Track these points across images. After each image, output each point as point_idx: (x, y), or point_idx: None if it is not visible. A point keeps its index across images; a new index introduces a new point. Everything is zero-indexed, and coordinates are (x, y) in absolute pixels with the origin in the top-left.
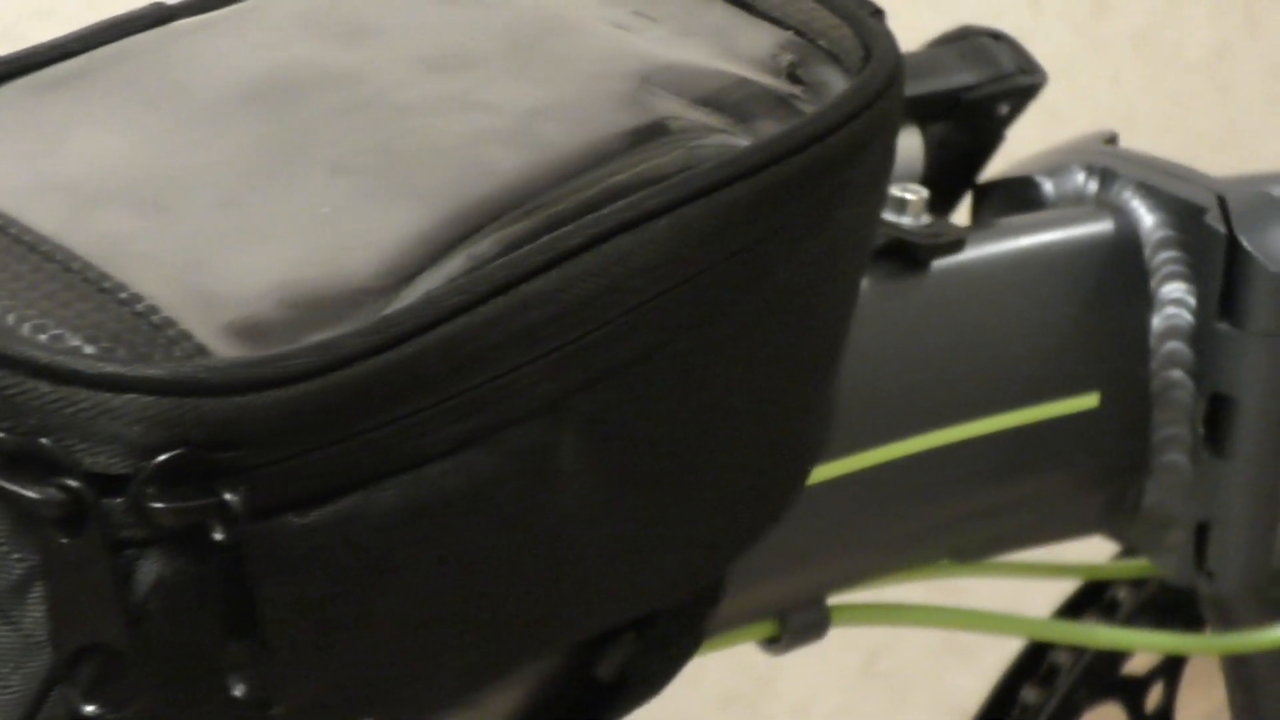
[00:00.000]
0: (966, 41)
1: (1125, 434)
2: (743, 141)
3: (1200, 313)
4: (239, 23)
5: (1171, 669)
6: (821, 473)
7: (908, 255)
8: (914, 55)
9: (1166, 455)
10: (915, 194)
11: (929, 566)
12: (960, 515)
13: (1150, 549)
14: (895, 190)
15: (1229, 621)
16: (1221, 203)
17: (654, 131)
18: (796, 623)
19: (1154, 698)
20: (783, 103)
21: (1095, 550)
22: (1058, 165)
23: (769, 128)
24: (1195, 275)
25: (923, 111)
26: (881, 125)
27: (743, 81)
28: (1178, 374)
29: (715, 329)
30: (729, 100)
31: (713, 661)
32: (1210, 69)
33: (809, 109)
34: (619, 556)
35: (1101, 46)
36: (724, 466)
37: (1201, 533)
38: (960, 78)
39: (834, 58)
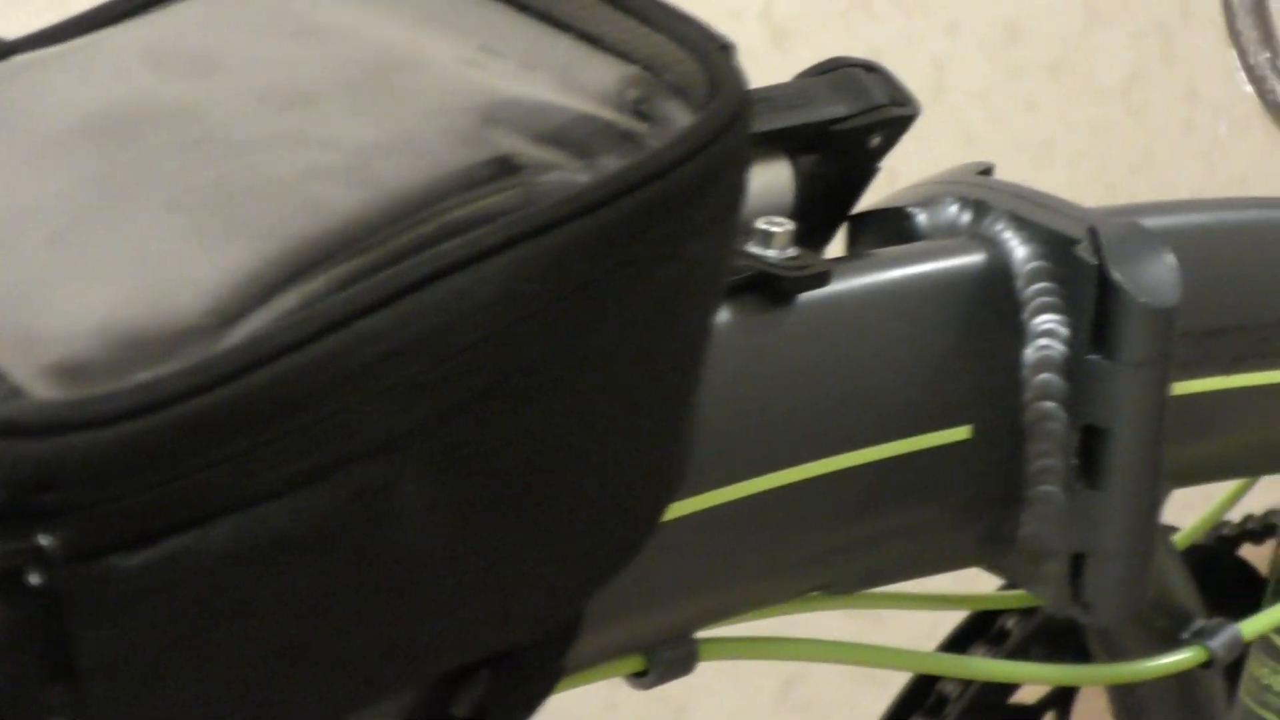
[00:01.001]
0: (838, 73)
1: (998, 466)
2: (584, 178)
3: (1072, 344)
4: (81, 56)
5: (1064, 699)
6: (686, 506)
7: (772, 288)
8: (784, 87)
9: (1040, 486)
10: (780, 227)
11: (804, 600)
12: (831, 549)
13: (1027, 580)
14: (760, 223)
15: (1114, 651)
16: (1092, 234)
17: (493, 168)
18: (663, 657)
19: None
20: (627, 138)
21: (985, 580)
22: (931, 197)
23: (612, 163)
24: (1067, 307)
25: (792, 144)
26: (728, 160)
27: (586, 117)
28: (1050, 405)
29: (559, 365)
30: (571, 136)
31: (627, 690)
32: (1125, 95)
33: (653, 144)
34: (468, 593)
35: (1017, 73)
36: (575, 502)
37: (1077, 563)
38: (830, 109)
39: (680, 92)
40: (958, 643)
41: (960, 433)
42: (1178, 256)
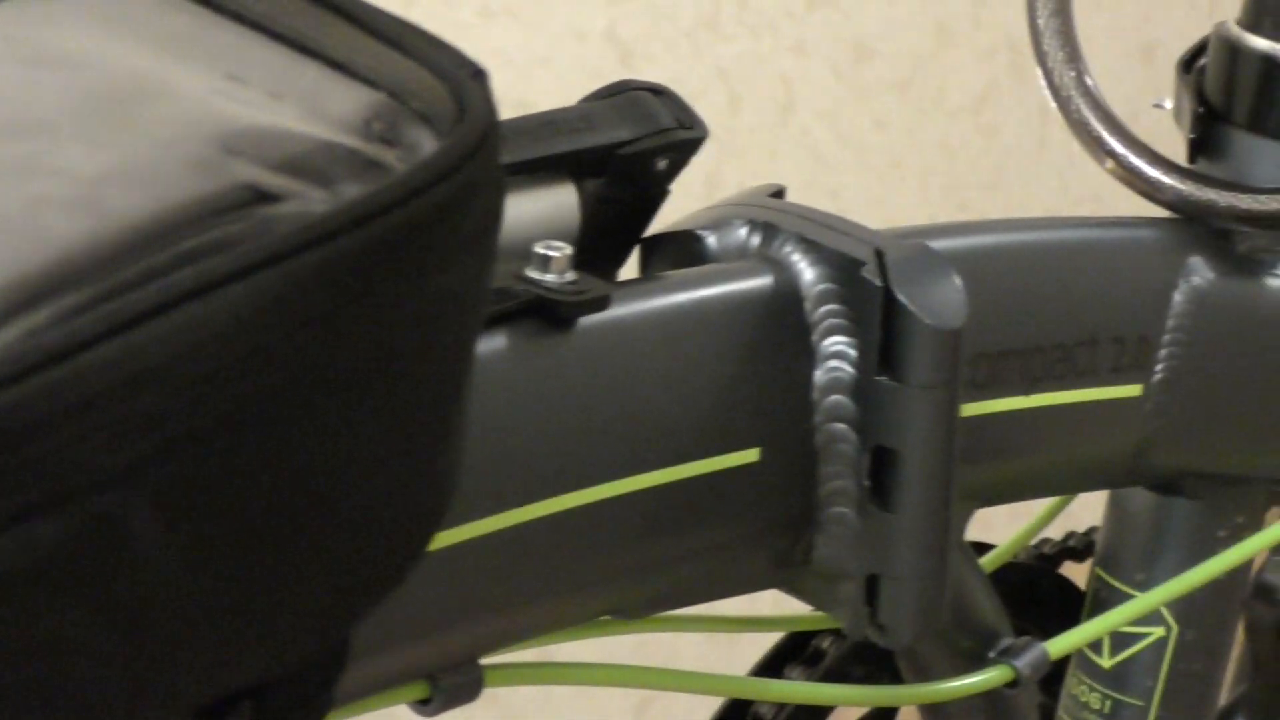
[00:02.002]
0: (623, 96)
1: (790, 488)
2: (324, 207)
3: (861, 366)
4: None
5: (886, 718)
6: (465, 532)
7: (551, 313)
8: (568, 110)
9: (833, 509)
10: (559, 251)
11: (597, 624)
12: (618, 573)
13: (824, 602)
14: (539, 247)
15: (922, 672)
16: (879, 256)
17: (231, 197)
18: (447, 684)
19: None
20: (371, 166)
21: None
22: (721, 220)
23: (354, 191)
24: (856, 329)
25: (577, 168)
26: (475, 187)
27: (329, 145)
28: (841, 427)
29: (299, 395)
30: (312, 164)
31: (479, 713)
32: (977, 113)
33: (397, 172)
34: (215, 623)
35: (865, 92)
36: (326, 530)
37: (872, 585)
38: (615, 133)
39: (426, 120)
40: (773, 664)
41: (749, 455)
42: (971, 278)
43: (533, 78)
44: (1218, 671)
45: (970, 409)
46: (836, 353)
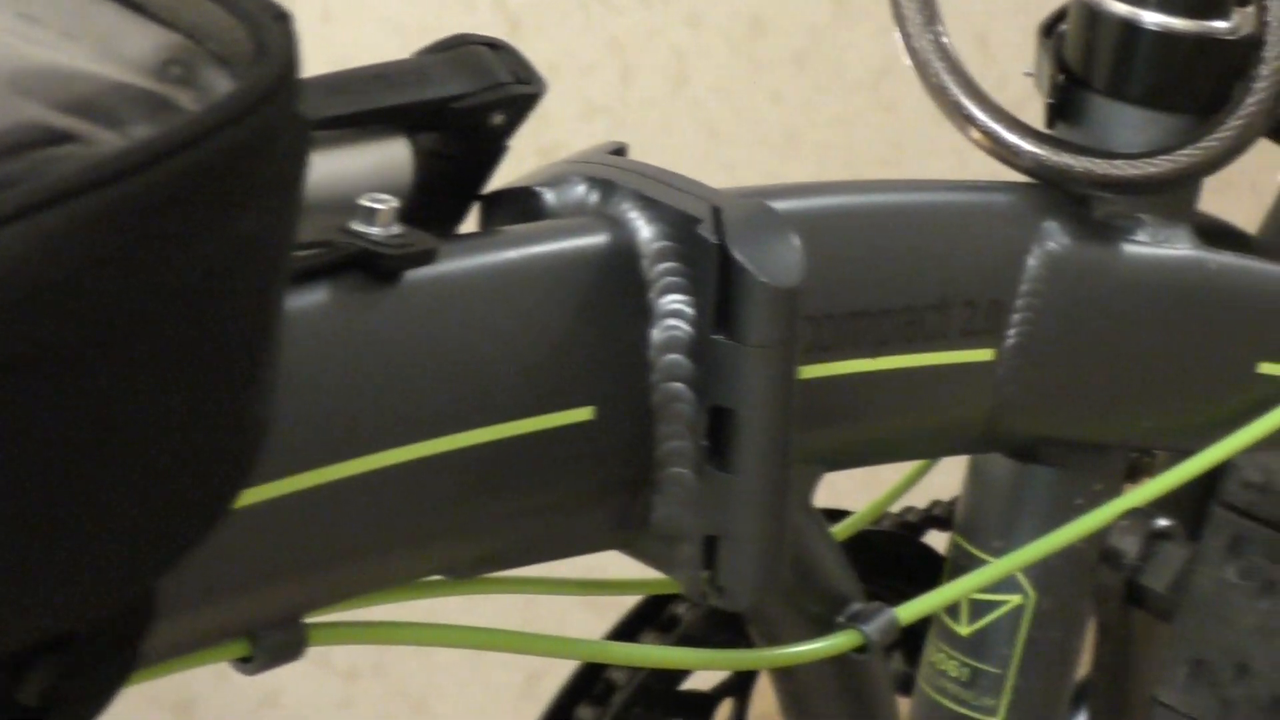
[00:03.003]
0: (459, 50)
1: (626, 447)
2: (112, 148)
3: (698, 325)
4: None
5: (741, 685)
6: (284, 486)
7: (375, 266)
8: (400, 64)
9: (670, 469)
10: (384, 203)
11: (430, 584)
12: (445, 531)
13: (663, 564)
14: (363, 200)
15: (771, 637)
16: (715, 214)
17: (15, 136)
18: (269, 642)
19: (724, 715)
20: (164, 108)
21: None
22: (559, 176)
23: (144, 134)
24: (693, 287)
25: (410, 122)
26: (274, 130)
27: (121, 86)
28: (678, 387)
29: (91, 337)
30: (103, 105)
31: (365, 685)
32: (875, 87)
33: (190, 114)
34: (3, 573)
35: (762, 66)
36: (120, 477)
37: (711, 547)
38: (449, 87)
39: (224, 62)
40: (629, 628)
41: (582, 414)
42: (815, 238)
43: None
44: (1076, 640)
45: (814, 370)
46: (673, 311)
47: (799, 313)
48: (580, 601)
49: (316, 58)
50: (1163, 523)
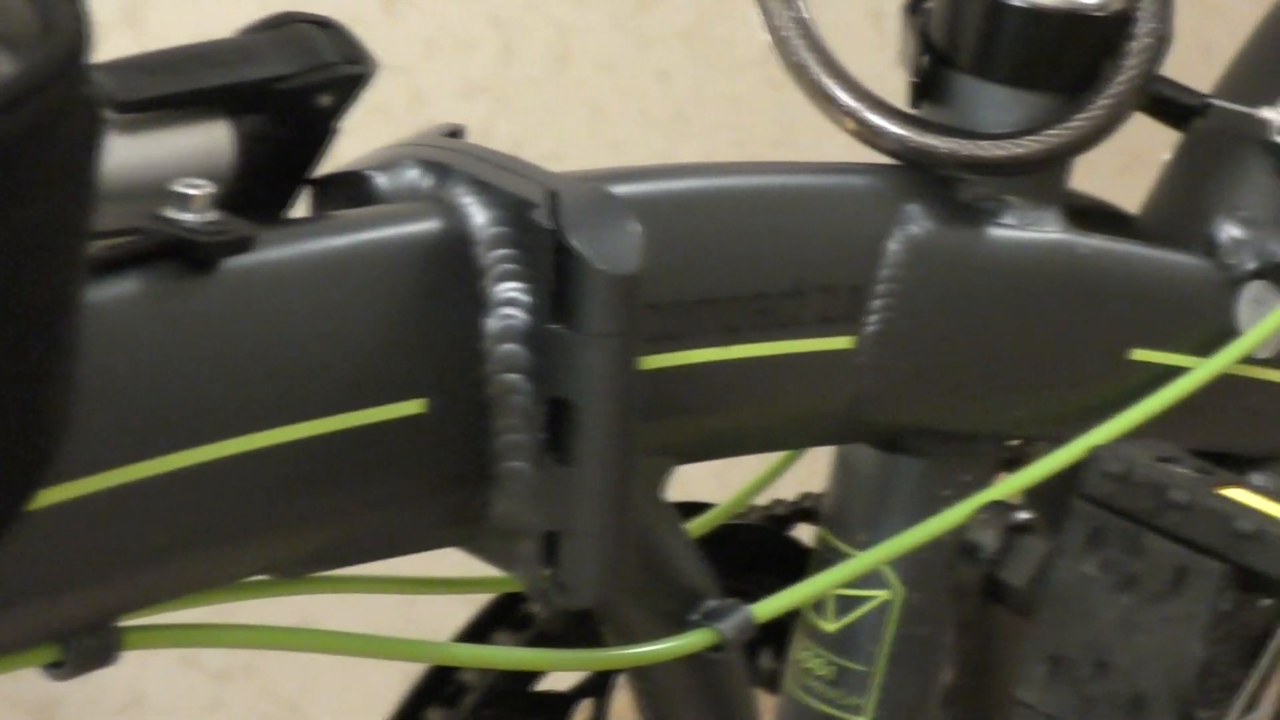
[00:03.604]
0: (284, 29)
1: (461, 441)
2: None
3: (535, 313)
4: None
5: (601, 685)
6: (91, 484)
7: (189, 254)
8: (221, 43)
9: (508, 463)
10: (199, 189)
11: (257, 585)
12: (268, 529)
13: (504, 561)
14: (177, 185)
15: (624, 636)
16: (552, 198)
17: None
18: (80, 647)
19: (583, 716)
20: None
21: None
22: (392, 160)
23: None
24: (529, 275)
25: (231, 104)
26: (60, 113)
27: None
28: (514, 378)
29: None
30: None
31: (237, 686)
32: (765, 65)
33: None
34: None
35: (647, 42)
36: None
37: (552, 543)
38: (272, 67)
39: (7, 42)
40: (481, 628)
41: (413, 406)
42: (660, 223)
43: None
44: (945, 636)
45: (661, 360)
46: (509, 300)
47: (640, 301)
48: (466, 600)
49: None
50: (1023, 515)
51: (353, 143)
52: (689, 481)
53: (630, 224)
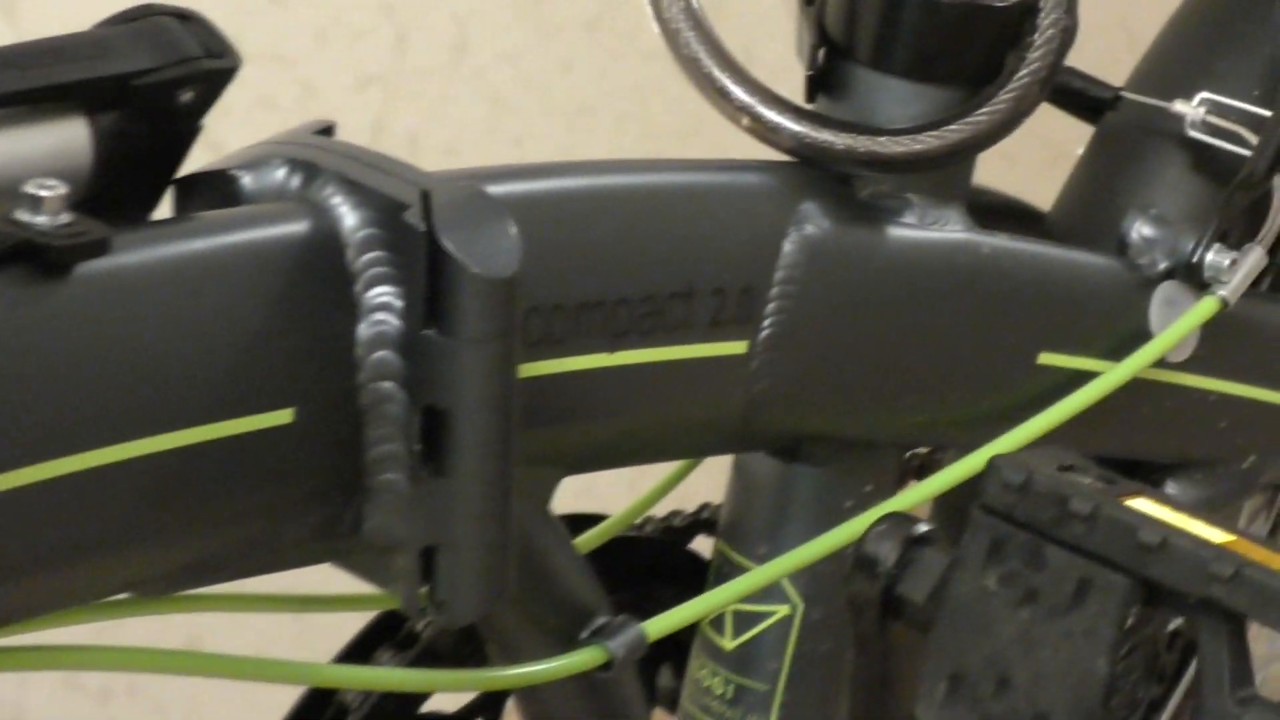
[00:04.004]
0: (143, 22)
1: (331, 452)
2: None
3: (408, 319)
4: None
5: (491, 704)
6: None
7: (40, 259)
8: (77, 36)
9: (382, 474)
10: (51, 190)
11: (119, 604)
12: (127, 547)
13: (378, 578)
14: (28, 187)
15: (511, 654)
16: (424, 198)
17: None
18: None
19: None
20: None
21: None
22: (259, 159)
23: None
24: (402, 278)
25: (89, 100)
26: None
27: None
28: (388, 386)
29: None
30: None
31: (120, 706)
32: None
33: None
34: None
35: (550, 32)
36: None
37: (429, 558)
38: (130, 61)
39: None
40: (364, 645)
41: (281, 416)
42: (539, 224)
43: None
44: (847, 653)
45: (545, 366)
46: (381, 305)
47: (517, 305)
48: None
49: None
50: (923, 527)
51: (240, 137)
52: (599, 490)
53: (506, 225)
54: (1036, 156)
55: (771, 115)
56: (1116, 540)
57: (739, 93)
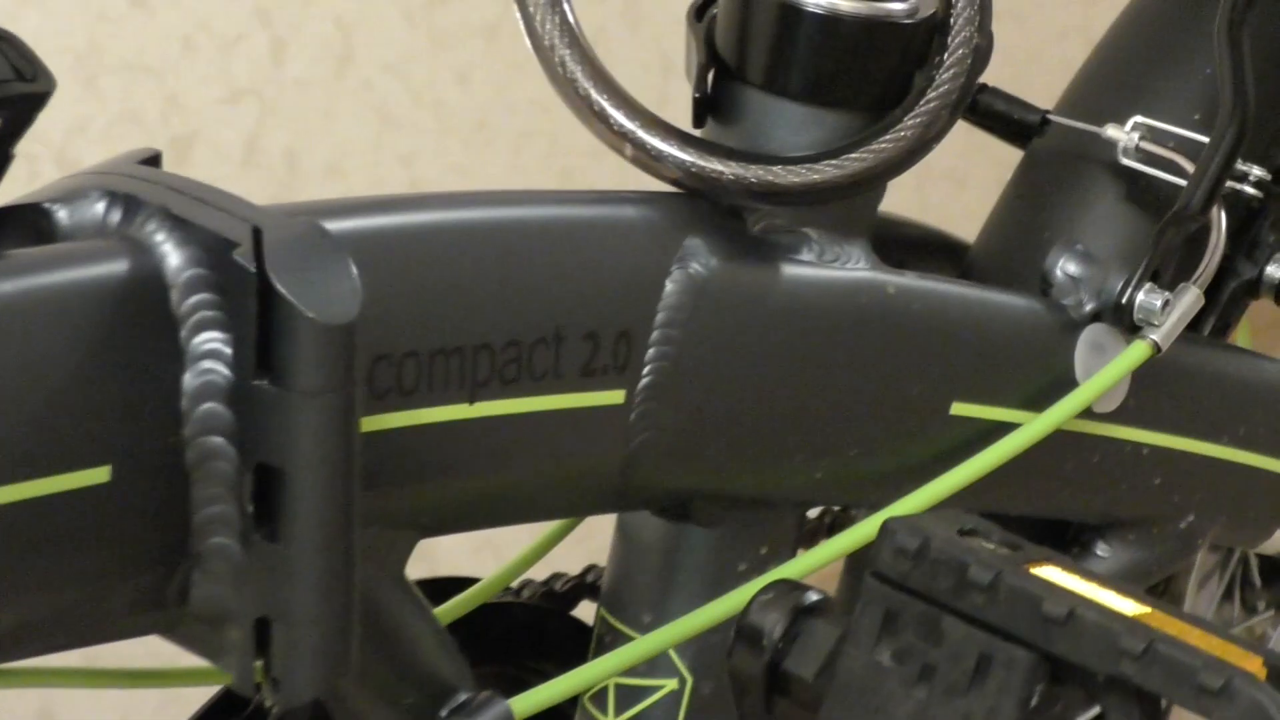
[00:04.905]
0: None
1: (153, 515)
2: None
3: (239, 368)
4: None
5: None
6: None
7: None
8: None
9: (210, 539)
10: None
11: None
12: None
13: (209, 651)
14: None
15: None
16: (256, 235)
17: None
18: None
19: None
20: None
21: None
22: (75, 191)
23: None
24: (232, 324)
25: None
26: None
27: None
28: (216, 441)
29: None
30: None
31: None
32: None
33: None
34: None
35: (444, 40)
36: None
37: (262, 630)
38: None
39: None
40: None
41: (96, 475)
42: (387, 263)
43: (20, 19)
44: None
45: (394, 419)
46: (209, 352)
47: (357, 353)
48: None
49: None
50: (813, 596)
51: (99, 155)
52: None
53: (346, 265)
54: (988, 177)
55: (654, 142)
56: (1019, 612)
57: (619, 117)
